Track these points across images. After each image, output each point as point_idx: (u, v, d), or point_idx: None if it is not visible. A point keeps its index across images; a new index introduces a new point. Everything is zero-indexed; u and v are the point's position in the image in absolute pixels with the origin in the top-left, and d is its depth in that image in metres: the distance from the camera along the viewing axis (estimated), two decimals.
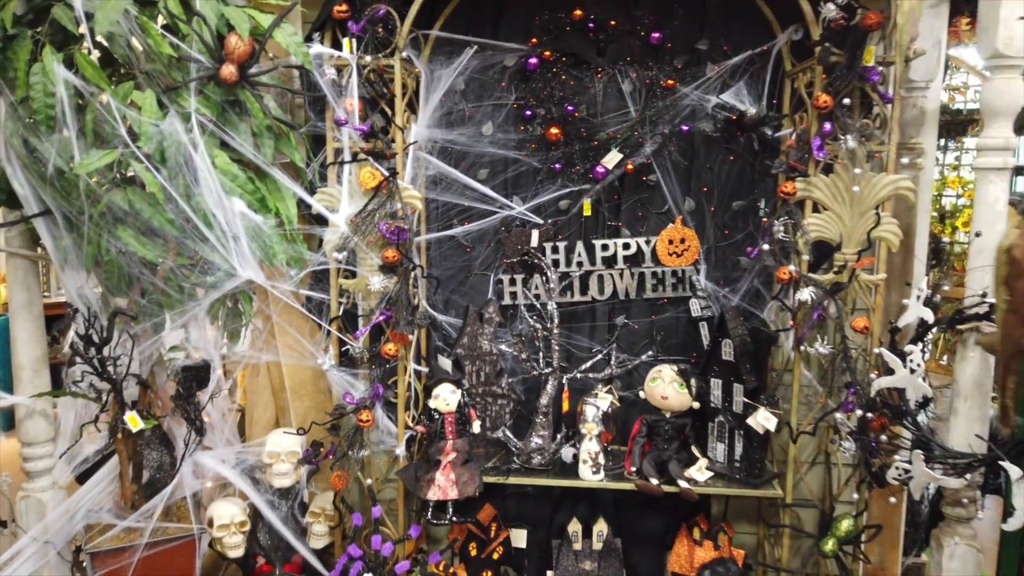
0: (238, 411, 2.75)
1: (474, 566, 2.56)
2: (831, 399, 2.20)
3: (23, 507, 2.27)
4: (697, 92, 2.41)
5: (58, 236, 2.08)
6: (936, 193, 5.17)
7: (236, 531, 2.40)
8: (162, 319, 2.18)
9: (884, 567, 2.54)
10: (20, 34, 1.96)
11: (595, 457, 2.40)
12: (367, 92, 2.26)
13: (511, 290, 2.60)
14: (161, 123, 1.98)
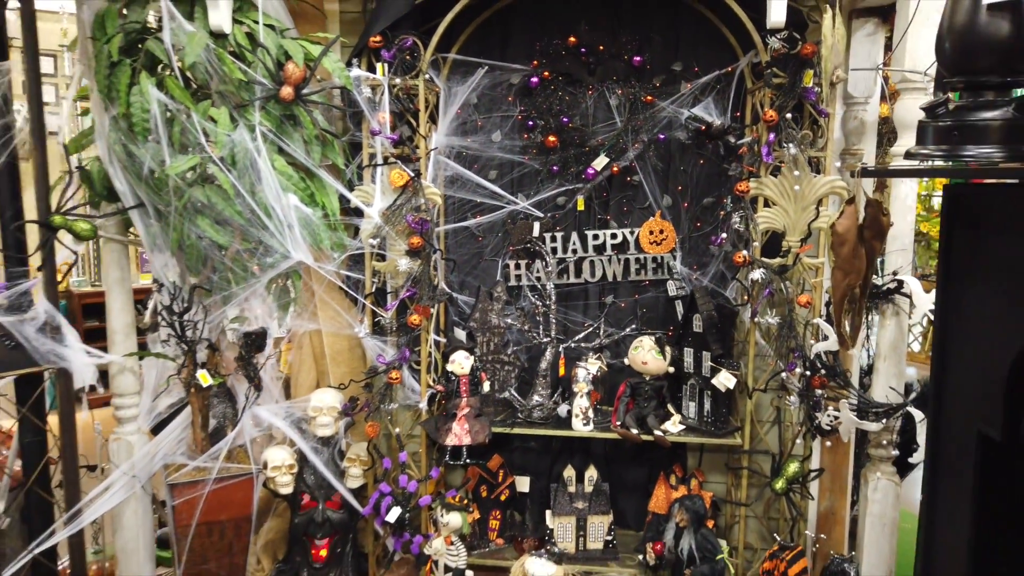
0: (283, 379, 3.22)
1: (485, 505, 3.03)
2: (780, 362, 2.64)
3: (114, 448, 2.76)
4: (672, 106, 2.86)
5: (149, 224, 2.57)
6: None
7: (286, 472, 2.88)
8: (230, 293, 2.67)
9: (834, 511, 2.97)
10: (121, 62, 2.46)
11: (585, 412, 2.86)
12: (396, 107, 2.74)
13: (516, 273, 3.07)
14: (232, 133, 2.46)
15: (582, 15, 2.88)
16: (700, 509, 2.67)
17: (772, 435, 2.87)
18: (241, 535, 2.85)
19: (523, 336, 3.01)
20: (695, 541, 2.65)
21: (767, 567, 2.61)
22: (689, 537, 2.66)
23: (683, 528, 2.68)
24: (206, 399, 2.82)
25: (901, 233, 2.34)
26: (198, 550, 2.78)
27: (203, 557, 2.80)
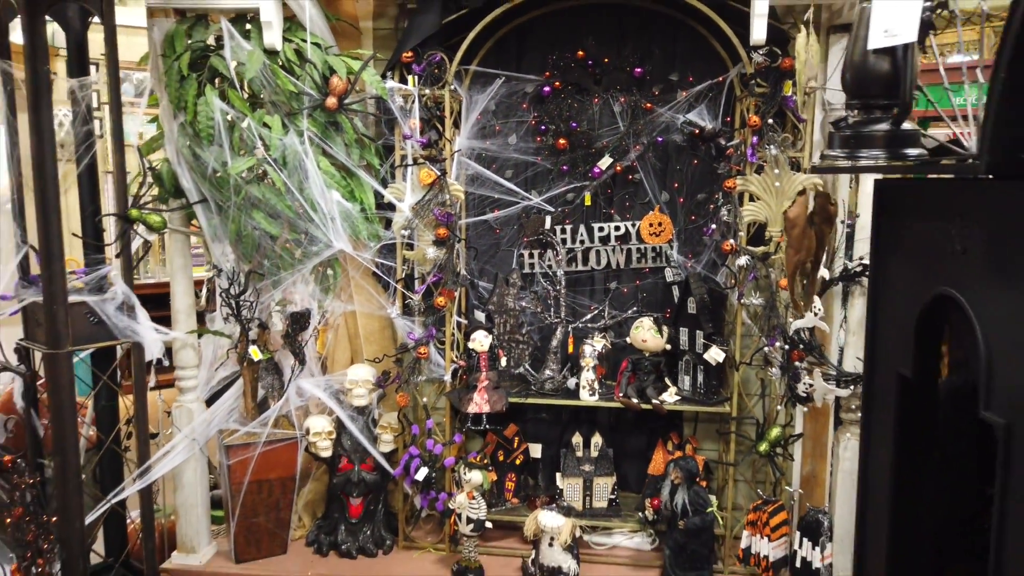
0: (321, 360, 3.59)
1: (501, 469, 3.39)
2: (764, 338, 2.99)
3: (176, 414, 3.13)
4: (669, 112, 3.20)
5: (210, 217, 2.94)
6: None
7: (326, 438, 3.25)
8: (279, 277, 3.04)
9: (815, 474, 3.31)
10: (189, 76, 2.83)
11: (591, 384, 3.22)
12: (425, 114, 3.10)
13: (530, 261, 3.42)
14: (284, 138, 2.84)
15: (589, 31, 3.23)
16: (692, 468, 3.02)
17: (758, 406, 3.21)
18: (287, 493, 3.22)
19: (536, 318, 3.37)
20: (688, 497, 3.00)
21: (751, 518, 2.97)
22: (683, 493, 3.01)
23: (678, 485, 3.03)
24: (256, 372, 3.19)
25: (868, 223, 2.68)
26: (249, 505, 3.15)
27: (253, 511, 3.16)
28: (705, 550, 3.03)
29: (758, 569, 2.95)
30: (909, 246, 1.57)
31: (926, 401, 1.63)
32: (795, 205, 1.81)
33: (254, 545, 3.20)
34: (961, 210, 1.36)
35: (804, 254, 1.81)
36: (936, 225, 1.44)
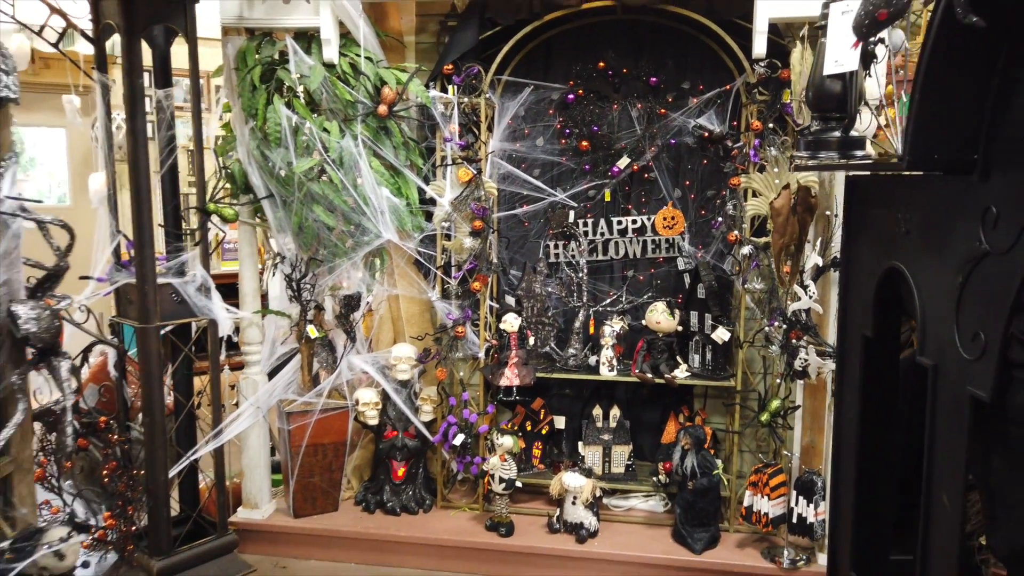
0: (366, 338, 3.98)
1: (529, 438, 3.77)
2: (765, 319, 3.34)
3: (243, 385, 3.55)
4: (682, 117, 3.56)
5: (276, 211, 3.35)
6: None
7: (373, 408, 3.65)
8: (334, 264, 3.44)
9: (814, 444, 3.65)
10: (259, 87, 3.24)
11: (610, 361, 3.59)
12: (463, 120, 3.48)
13: (555, 251, 3.80)
14: (341, 141, 3.24)
15: (609, 45, 3.60)
16: (700, 435, 3.38)
17: (761, 381, 3.56)
18: (339, 456, 3.62)
19: (560, 302, 3.75)
20: (696, 460, 3.36)
21: (753, 479, 3.32)
22: (692, 457, 3.37)
23: (687, 450, 3.39)
24: (312, 349, 3.60)
25: None
26: (306, 466, 3.55)
27: (310, 472, 3.57)
28: (712, 508, 3.39)
29: (759, 525, 3.30)
30: (870, 229, 1.93)
31: (887, 360, 1.98)
32: (780, 197, 2.16)
33: (310, 502, 3.61)
34: (904, 199, 1.73)
35: (788, 238, 2.16)
36: (889, 212, 1.80)
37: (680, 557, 3.32)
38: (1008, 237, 1.33)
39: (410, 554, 3.48)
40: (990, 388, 1.39)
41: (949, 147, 1.42)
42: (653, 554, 3.33)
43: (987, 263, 1.41)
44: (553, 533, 3.49)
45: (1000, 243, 1.36)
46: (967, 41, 1.29)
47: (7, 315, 1.50)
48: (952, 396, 1.53)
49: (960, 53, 1.33)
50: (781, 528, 3.31)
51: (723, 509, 3.52)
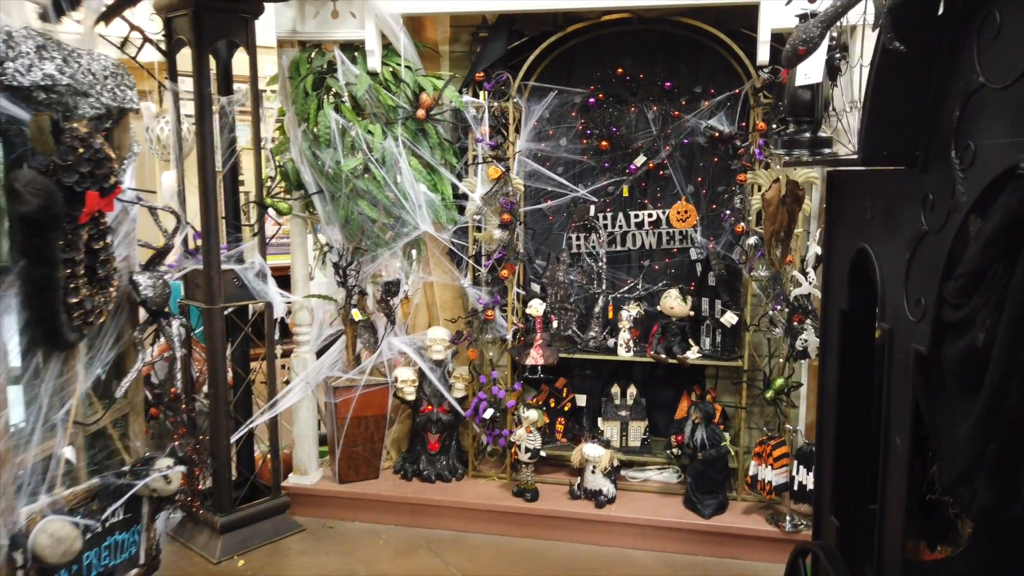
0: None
1: (552, 414, 4.11)
2: (770, 304, 3.63)
3: (294, 362, 3.93)
4: (694, 119, 3.87)
5: (324, 205, 3.72)
6: None
7: (410, 385, 4.00)
8: (376, 253, 3.80)
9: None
10: (310, 94, 3.61)
11: (627, 343, 3.91)
12: (493, 122, 3.83)
13: (577, 243, 4.12)
14: (383, 142, 3.60)
15: (627, 53, 3.92)
16: (710, 410, 3.69)
17: (767, 363, 3.86)
18: (379, 428, 3.98)
19: (582, 289, 4.07)
20: (706, 433, 3.66)
21: (757, 451, 3.62)
22: (701, 430, 3.67)
23: (697, 424, 3.69)
24: (356, 330, 3.97)
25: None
26: (350, 436, 3.92)
27: (354, 442, 3.94)
28: (720, 477, 3.70)
29: (763, 493, 3.60)
30: (846, 216, 2.24)
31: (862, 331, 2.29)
32: (771, 189, 2.46)
33: (353, 470, 3.98)
34: (869, 190, 2.03)
35: (778, 226, 2.46)
36: (859, 201, 2.11)
37: (690, 521, 3.63)
38: (940, 219, 1.64)
39: (444, 517, 3.83)
40: (927, 343, 1.69)
41: (895, 145, 1.72)
42: (666, 518, 3.65)
43: (927, 240, 1.71)
44: (574, 499, 3.82)
45: (935, 224, 1.66)
46: (906, 60, 1.60)
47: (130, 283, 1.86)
48: (902, 352, 1.84)
49: (901, 69, 1.63)
50: (784, 496, 3.60)
51: (731, 480, 3.82)
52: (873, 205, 2.04)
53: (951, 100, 1.62)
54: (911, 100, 1.69)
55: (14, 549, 1.56)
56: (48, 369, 1.68)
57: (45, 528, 1.57)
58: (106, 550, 1.82)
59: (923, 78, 1.65)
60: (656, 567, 3.52)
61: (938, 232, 1.68)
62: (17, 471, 1.60)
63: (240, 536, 3.56)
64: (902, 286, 1.85)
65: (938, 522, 2.50)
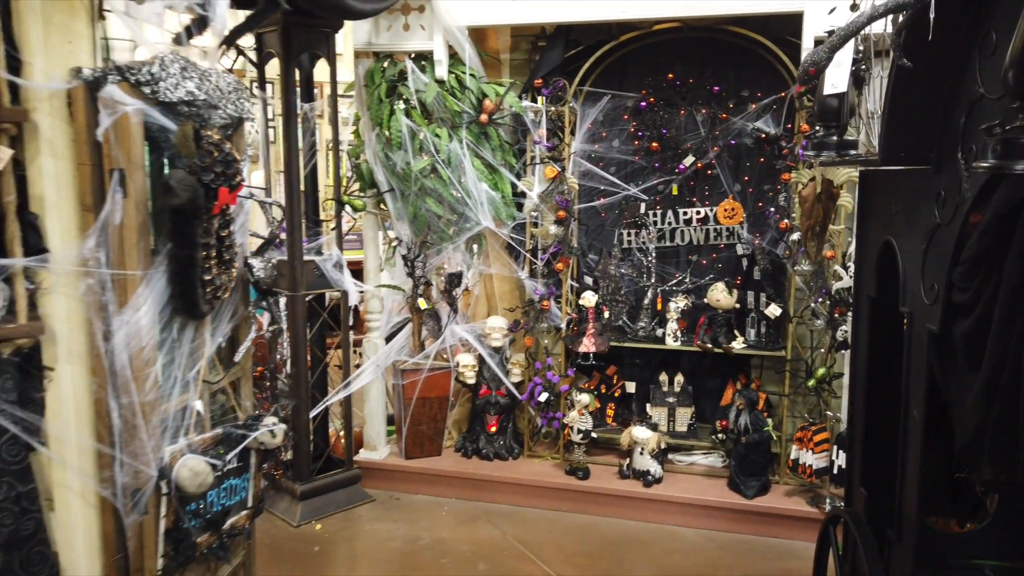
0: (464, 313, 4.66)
1: (603, 399, 4.36)
2: (812, 297, 3.82)
3: (366, 346, 4.28)
4: (741, 121, 4.08)
5: (395, 202, 4.06)
6: None
7: (471, 369, 4.31)
8: (442, 247, 4.12)
9: None
10: (384, 100, 3.95)
11: (674, 332, 4.14)
12: (550, 125, 4.10)
13: (628, 238, 4.37)
14: (449, 144, 3.91)
15: (677, 59, 4.15)
16: (753, 396, 3.90)
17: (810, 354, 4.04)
18: (442, 409, 4.30)
19: (632, 282, 4.32)
20: (749, 419, 3.87)
21: (799, 436, 3.81)
22: (745, 416, 3.88)
23: (741, 410, 3.90)
24: (422, 318, 4.30)
25: None
26: (416, 416, 4.25)
27: (419, 421, 4.26)
28: (763, 460, 3.90)
29: (804, 476, 3.79)
30: (875, 211, 2.45)
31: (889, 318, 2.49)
32: (807, 187, 2.67)
33: (418, 447, 4.31)
34: (895, 187, 2.25)
35: (813, 221, 2.67)
36: (886, 198, 2.32)
37: (734, 501, 3.84)
38: (950, 212, 1.86)
39: (501, 492, 4.13)
40: (939, 323, 1.91)
41: (911, 147, 1.94)
42: (710, 497, 3.87)
43: (939, 232, 1.93)
44: (623, 479, 4.07)
45: (946, 217, 1.88)
46: (919, 73, 1.82)
47: (245, 266, 2.20)
48: (919, 333, 2.06)
49: (916, 80, 1.85)
50: (824, 479, 3.79)
51: (774, 464, 4.02)
52: (897, 201, 2.25)
53: (959, 108, 1.84)
54: (925, 108, 1.91)
55: (161, 479, 1.91)
56: (184, 335, 2.02)
57: (185, 463, 1.91)
58: (224, 491, 2.16)
59: (935, 88, 1.87)
60: (700, 543, 3.75)
61: (948, 224, 1.90)
62: (161, 417, 1.95)
63: (317, 503, 3.92)
64: (919, 274, 2.08)
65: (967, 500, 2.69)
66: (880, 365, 2.59)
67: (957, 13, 1.59)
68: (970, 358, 1.90)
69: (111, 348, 1.84)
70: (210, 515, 2.07)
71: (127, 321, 1.83)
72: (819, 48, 1.75)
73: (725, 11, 3.69)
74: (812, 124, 3.73)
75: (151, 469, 1.89)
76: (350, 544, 3.70)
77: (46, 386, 1.85)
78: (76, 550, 1.92)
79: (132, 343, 1.83)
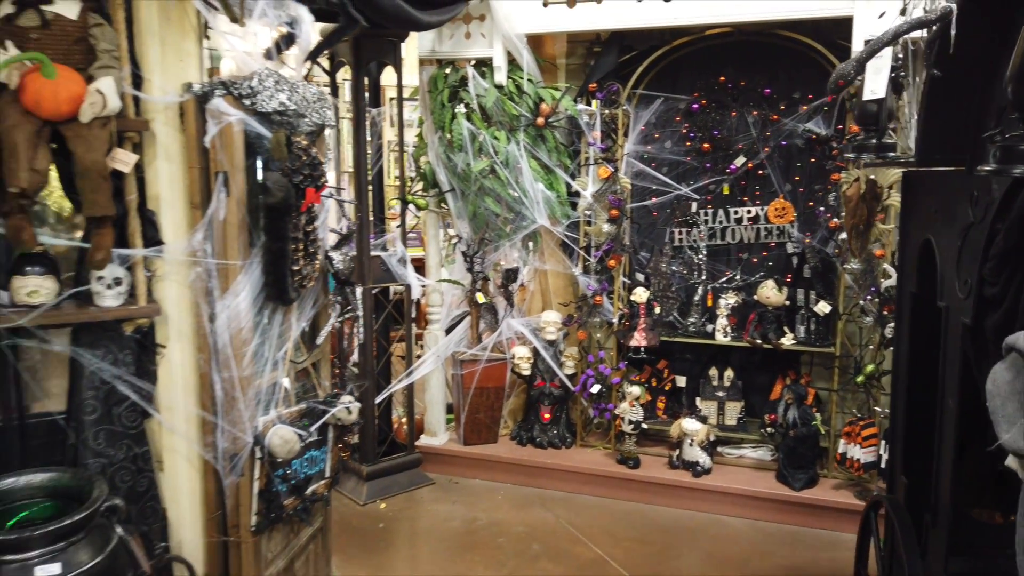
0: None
1: (654, 392, 4.51)
2: (861, 295, 3.90)
3: (428, 338, 4.52)
4: (792, 122, 4.18)
5: (456, 201, 4.29)
6: None
7: (526, 361, 4.51)
8: (499, 244, 4.33)
9: None
10: (447, 105, 4.18)
11: (724, 328, 4.26)
12: (603, 127, 4.27)
13: (679, 237, 4.51)
14: (507, 146, 4.12)
15: (729, 61, 4.27)
16: (802, 391, 4.00)
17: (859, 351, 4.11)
18: (499, 398, 4.51)
19: (683, 279, 4.46)
20: (798, 413, 3.97)
21: (847, 430, 3.90)
22: (793, 410, 3.98)
23: (790, 404, 4.00)
24: (479, 312, 4.51)
25: None
26: (473, 405, 4.47)
27: (476, 409, 4.48)
28: (810, 454, 3.99)
29: (851, 470, 3.87)
30: (917, 211, 2.56)
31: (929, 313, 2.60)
32: (851, 187, 2.78)
33: (475, 434, 4.53)
34: (932, 187, 2.36)
35: (857, 219, 2.78)
36: (926, 198, 2.43)
37: (781, 492, 3.95)
38: (981, 211, 1.98)
39: (554, 479, 4.32)
40: (971, 316, 2.03)
41: (946, 150, 2.06)
42: (758, 488, 3.99)
43: (972, 230, 2.05)
44: (673, 469, 4.21)
45: (978, 216, 2.00)
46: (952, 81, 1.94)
47: (326, 258, 2.45)
48: (954, 326, 2.17)
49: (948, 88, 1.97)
50: (872, 473, 3.86)
51: (822, 458, 4.10)
52: (935, 201, 2.37)
53: (990, 114, 1.95)
54: (959, 113, 2.03)
55: (255, 445, 2.16)
56: (274, 319, 2.27)
57: (276, 432, 2.16)
58: (306, 461, 2.40)
59: (968, 95, 1.99)
60: (748, 532, 3.88)
61: (980, 223, 2.02)
62: (255, 391, 2.21)
63: (381, 484, 4.17)
64: (955, 270, 2.19)
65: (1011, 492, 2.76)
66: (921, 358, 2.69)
67: (978, 29, 1.71)
68: (1000, 349, 2.01)
69: (214, 328, 2.10)
70: (295, 481, 2.32)
71: (228, 305, 2.08)
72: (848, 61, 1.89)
73: (776, 16, 3.80)
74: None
75: (247, 436, 2.14)
76: (412, 522, 3.94)
77: (159, 361, 2.12)
78: (182, 506, 2.19)
79: (232, 324, 2.08)
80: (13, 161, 1.83)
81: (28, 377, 2.06)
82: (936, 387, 2.70)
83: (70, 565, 1.73)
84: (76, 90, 1.88)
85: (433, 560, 3.59)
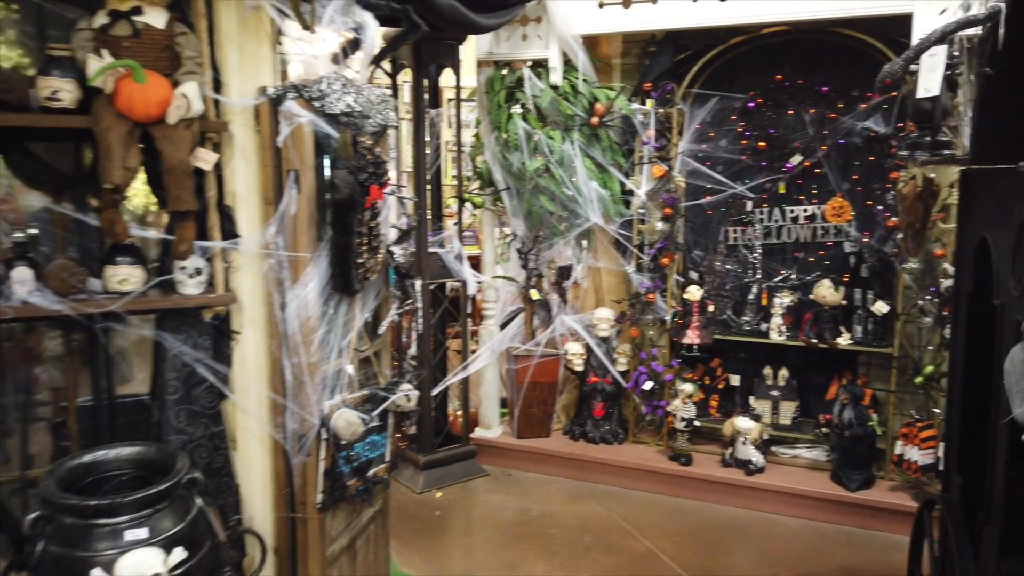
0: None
1: (707, 391, 4.53)
2: (921, 294, 3.84)
3: (482, 334, 4.63)
4: (850, 120, 4.14)
5: (511, 200, 4.38)
6: None
7: (579, 357, 4.58)
8: (554, 241, 4.41)
9: None
10: (503, 105, 4.28)
11: (779, 327, 4.25)
12: (658, 126, 4.31)
13: (733, 235, 4.51)
14: (562, 146, 4.20)
15: (785, 60, 4.26)
16: (858, 392, 3.96)
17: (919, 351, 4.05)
18: (552, 393, 4.60)
19: (737, 277, 4.46)
20: (853, 413, 3.94)
21: (904, 431, 3.85)
22: (849, 410, 3.95)
23: (845, 405, 3.97)
24: (533, 308, 4.60)
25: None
26: (527, 399, 4.56)
27: (530, 403, 4.58)
28: (866, 454, 3.96)
29: (909, 472, 3.82)
30: (973, 209, 2.54)
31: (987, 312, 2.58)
32: (907, 185, 2.77)
33: (528, 428, 4.62)
34: (988, 185, 2.35)
35: (913, 217, 2.76)
36: (983, 195, 2.42)
37: (836, 492, 3.92)
38: None
39: (606, 474, 4.38)
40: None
41: (1001, 147, 2.06)
42: (812, 488, 3.97)
43: None
44: (725, 467, 4.23)
45: None
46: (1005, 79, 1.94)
47: (387, 252, 2.58)
48: (1009, 324, 2.16)
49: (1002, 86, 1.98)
50: (930, 476, 3.80)
51: (879, 460, 4.06)
52: (991, 199, 2.35)
53: None
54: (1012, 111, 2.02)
55: (322, 427, 2.30)
56: (339, 309, 2.41)
57: (341, 415, 2.30)
58: (367, 445, 2.53)
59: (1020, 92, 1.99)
60: (802, 531, 3.86)
61: None
62: (322, 376, 2.34)
63: (437, 474, 4.30)
64: (1010, 267, 2.18)
65: None
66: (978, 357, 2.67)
67: None
68: None
69: (285, 317, 2.25)
70: (358, 463, 2.45)
71: (298, 295, 2.23)
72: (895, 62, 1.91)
73: (833, 14, 3.78)
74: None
75: (314, 418, 2.28)
76: (467, 511, 4.06)
77: (234, 346, 2.28)
78: (253, 483, 2.34)
79: (301, 313, 2.22)
80: (108, 160, 2.00)
81: (118, 359, 2.24)
82: (991, 387, 2.67)
83: (155, 531, 1.89)
84: (164, 94, 2.05)
85: (486, 548, 3.70)
